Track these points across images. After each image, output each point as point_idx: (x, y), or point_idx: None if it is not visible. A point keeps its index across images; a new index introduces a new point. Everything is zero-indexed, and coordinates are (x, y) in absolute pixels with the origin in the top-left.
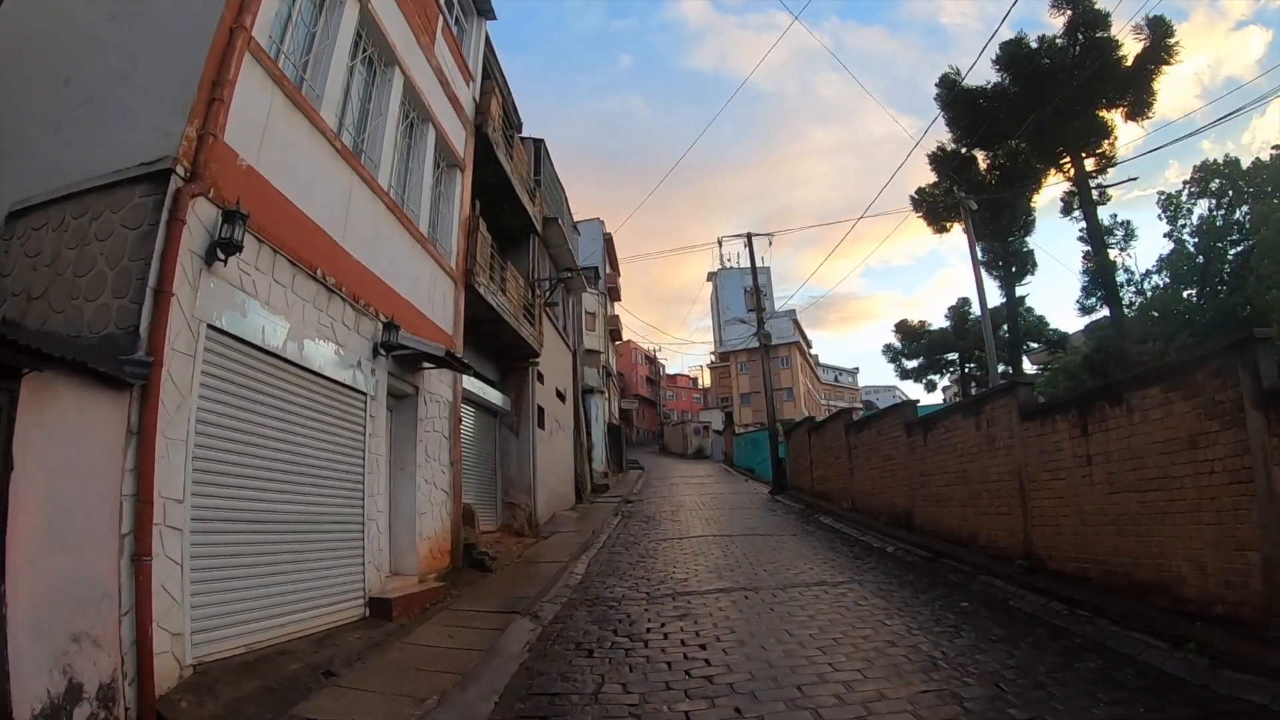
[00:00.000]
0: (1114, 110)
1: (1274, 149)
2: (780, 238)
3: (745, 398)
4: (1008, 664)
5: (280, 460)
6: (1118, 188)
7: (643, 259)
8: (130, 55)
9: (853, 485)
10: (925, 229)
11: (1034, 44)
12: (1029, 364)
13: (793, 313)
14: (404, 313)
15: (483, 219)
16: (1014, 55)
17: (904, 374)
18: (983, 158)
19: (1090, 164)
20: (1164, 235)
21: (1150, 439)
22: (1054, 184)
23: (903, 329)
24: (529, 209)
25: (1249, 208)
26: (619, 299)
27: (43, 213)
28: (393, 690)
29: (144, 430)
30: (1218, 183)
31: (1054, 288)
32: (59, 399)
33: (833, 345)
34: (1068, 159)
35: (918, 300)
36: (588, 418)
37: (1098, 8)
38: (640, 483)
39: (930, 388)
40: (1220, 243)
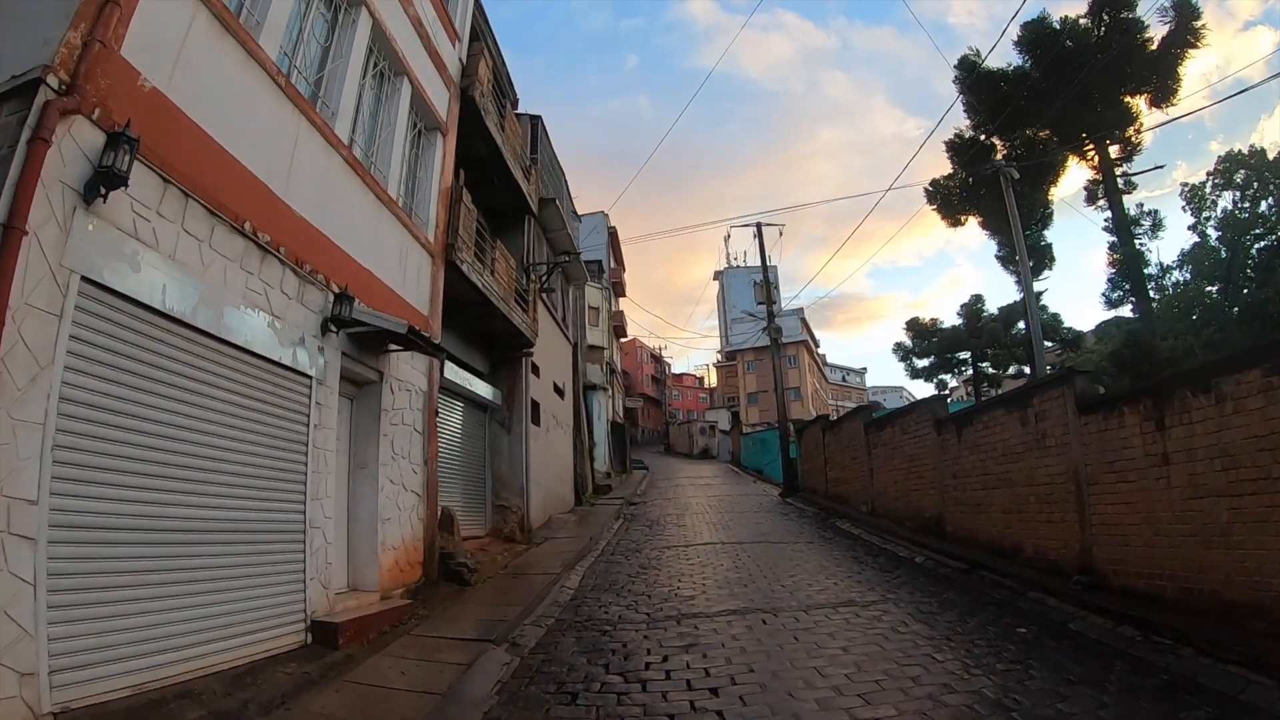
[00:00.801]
0: (1138, 96)
1: None
2: (788, 237)
3: (752, 397)
4: (1101, 717)
5: (190, 455)
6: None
7: (648, 240)
8: None
9: (873, 487)
10: (932, 229)
11: (1056, 25)
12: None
13: (800, 311)
14: (366, 284)
15: (470, 192)
16: (1037, 36)
17: (914, 373)
18: (1001, 146)
19: (1114, 151)
20: (1188, 228)
21: (1247, 433)
22: (1075, 172)
23: (914, 327)
24: (523, 186)
25: (1274, 199)
26: (624, 294)
27: None
28: None
29: None
30: (1242, 174)
31: (1063, 285)
32: None
33: (840, 346)
34: (1091, 146)
35: (925, 301)
36: (590, 415)
37: None
38: (644, 483)
39: (941, 388)
40: (1244, 236)
